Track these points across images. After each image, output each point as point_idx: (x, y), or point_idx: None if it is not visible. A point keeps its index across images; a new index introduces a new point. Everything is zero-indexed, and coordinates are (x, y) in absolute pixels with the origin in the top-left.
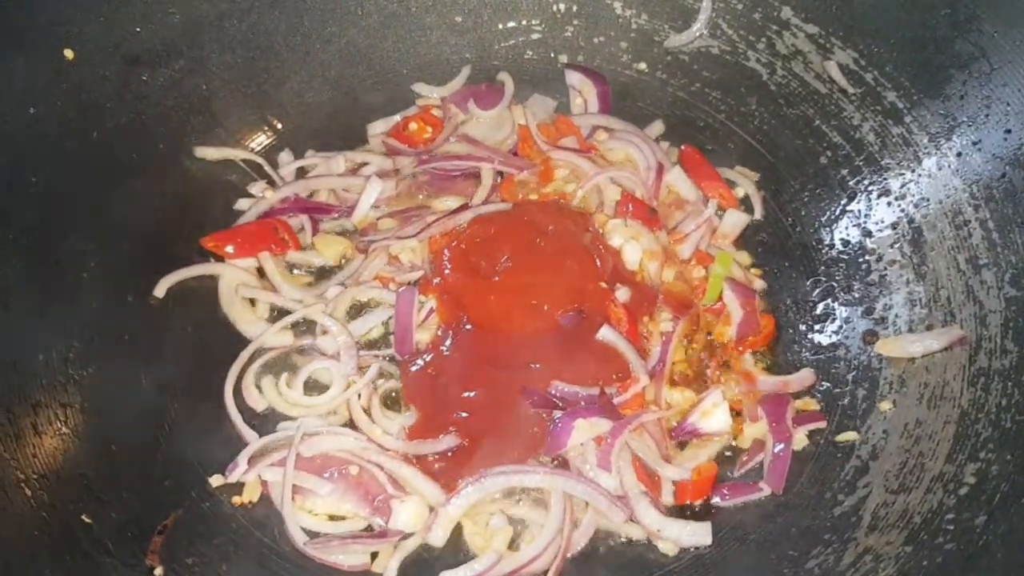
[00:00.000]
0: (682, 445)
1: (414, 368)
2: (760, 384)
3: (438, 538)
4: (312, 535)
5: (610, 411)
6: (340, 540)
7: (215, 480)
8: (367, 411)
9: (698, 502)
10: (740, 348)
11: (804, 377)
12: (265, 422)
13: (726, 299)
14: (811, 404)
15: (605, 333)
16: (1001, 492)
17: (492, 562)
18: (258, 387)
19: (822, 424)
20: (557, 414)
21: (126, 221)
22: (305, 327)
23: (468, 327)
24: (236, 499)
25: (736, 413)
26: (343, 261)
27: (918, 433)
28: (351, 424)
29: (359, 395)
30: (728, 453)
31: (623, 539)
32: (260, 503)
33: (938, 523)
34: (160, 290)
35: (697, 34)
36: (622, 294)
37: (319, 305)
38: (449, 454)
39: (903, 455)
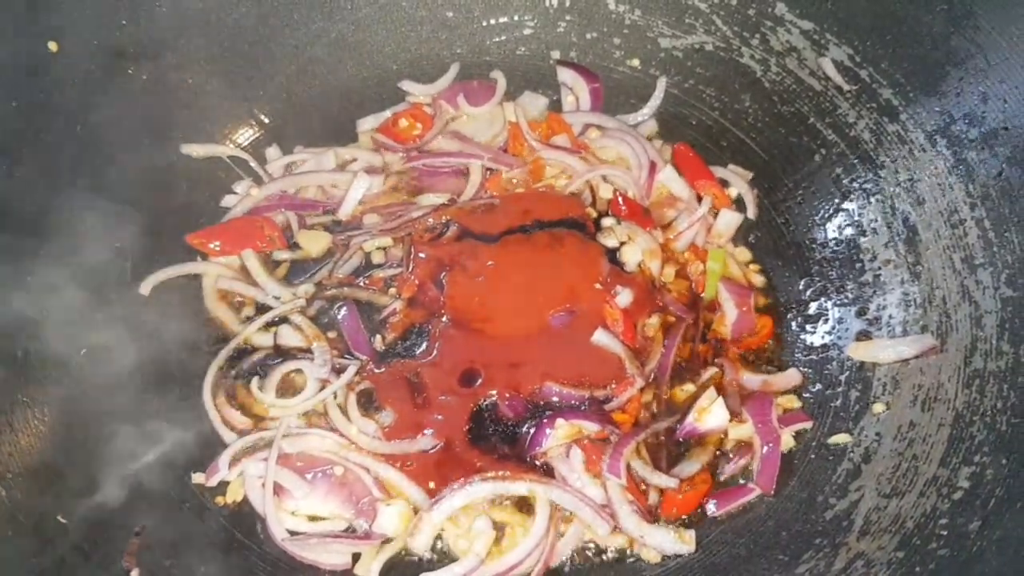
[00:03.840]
0: (676, 459)
1: (383, 370)
2: (745, 382)
3: (421, 544)
4: (292, 534)
5: (598, 414)
6: (320, 538)
7: (196, 478)
8: (343, 411)
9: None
10: (736, 347)
11: (790, 377)
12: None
13: (721, 299)
14: (794, 402)
15: (600, 336)
16: (996, 497)
17: (473, 566)
18: (233, 398)
19: (808, 424)
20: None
21: (110, 217)
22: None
23: (449, 327)
24: (219, 499)
25: None
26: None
27: (912, 436)
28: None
29: (335, 395)
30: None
31: (607, 549)
32: (242, 504)
33: (931, 528)
34: (145, 288)
35: (647, 115)
36: (623, 298)
37: (295, 303)
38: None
39: (896, 458)
